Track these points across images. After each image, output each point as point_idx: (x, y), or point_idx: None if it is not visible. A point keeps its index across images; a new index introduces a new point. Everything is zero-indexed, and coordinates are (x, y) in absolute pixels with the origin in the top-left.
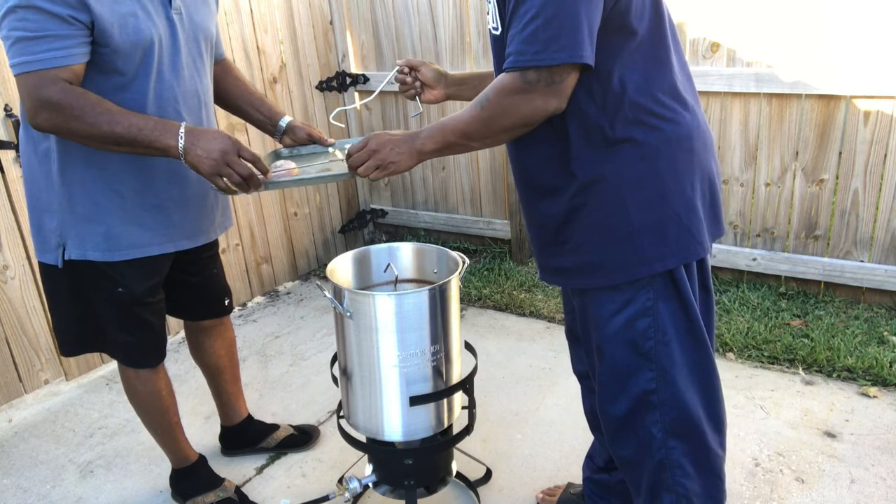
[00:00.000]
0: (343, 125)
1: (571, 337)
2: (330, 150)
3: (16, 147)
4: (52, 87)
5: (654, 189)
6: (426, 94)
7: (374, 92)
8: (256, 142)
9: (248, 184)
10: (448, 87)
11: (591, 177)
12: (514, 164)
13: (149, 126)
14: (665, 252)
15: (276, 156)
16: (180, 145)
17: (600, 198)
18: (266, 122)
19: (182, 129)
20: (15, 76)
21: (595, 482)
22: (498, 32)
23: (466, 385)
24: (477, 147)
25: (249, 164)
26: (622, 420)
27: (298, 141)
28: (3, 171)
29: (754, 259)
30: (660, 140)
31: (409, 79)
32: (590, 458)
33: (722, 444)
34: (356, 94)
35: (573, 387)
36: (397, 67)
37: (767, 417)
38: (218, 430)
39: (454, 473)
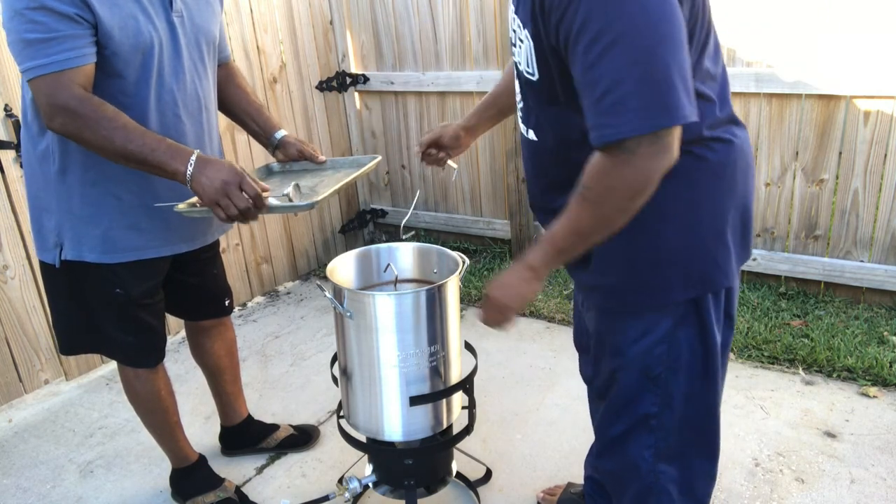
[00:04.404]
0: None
1: (579, 347)
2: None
3: (16, 147)
4: (67, 92)
5: (684, 218)
6: (454, 152)
7: (374, 90)
8: (255, 146)
9: (244, 215)
10: (472, 133)
11: None
12: (541, 181)
13: (161, 148)
14: (688, 282)
15: (268, 170)
16: (188, 172)
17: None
18: (261, 134)
19: (193, 157)
20: (29, 80)
21: (597, 481)
22: (534, 78)
23: (466, 385)
24: (597, 239)
25: (249, 198)
26: (615, 439)
27: (289, 157)
28: (3, 171)
29: (754, 259)
30: (699, 168)
31: (433, 151)
32: (592, 455)
33: (713, 474)
34: (356, 95)
35: (573, 387)
36: (419, 154)
37: (767, 417)
38: (218, 430)
39: (454, 473)
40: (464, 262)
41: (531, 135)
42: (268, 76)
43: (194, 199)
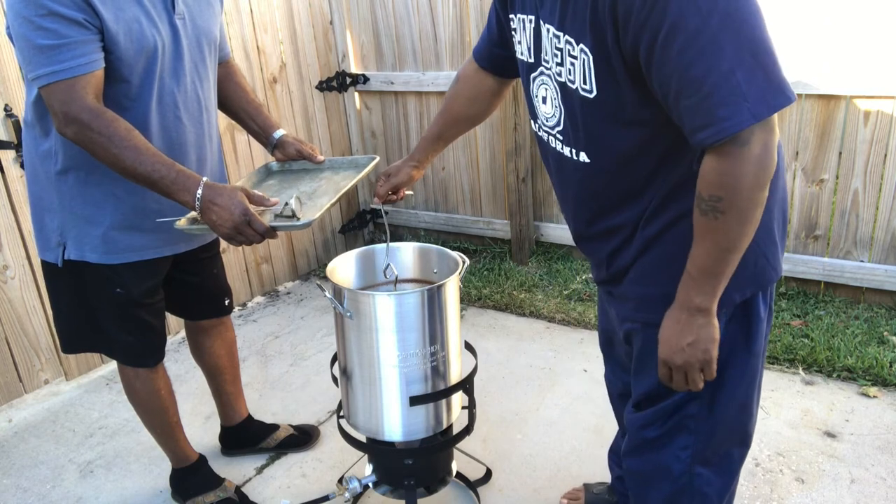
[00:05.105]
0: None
1: (608, 350)
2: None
3: (16, 147)
4: (81, 102)
5: None
6: (409, 187)
7: (374, 90)
8: (255, 146)
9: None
10: (421, 167)
11: (679, 213)
12: (590, 206)
13: (170, 177)
14: (742, 283)
15: (267, 170)
16: (197, 205)
17: (681, 230)
18: (260, 133)
19: (199, 190)
20: (41, 87)
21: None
22: (591, 96)
23: (466, 385)
24: (746, 244)
25: (258, 234)
26: (653, 440)
27: (288, 156)
28: (2, 171)
29: None
30: None
31: (394, 197)
32: (614, 453)
33: (743, 456)
34: (356, 95)
35: (573, 387)
36: (381, 208)
37: (767, 417)
38: (218, 430)
39: (454, 473)
40: (464, 262)
41: (582, 157)
42: (268, 76)
43: (193, 214)
